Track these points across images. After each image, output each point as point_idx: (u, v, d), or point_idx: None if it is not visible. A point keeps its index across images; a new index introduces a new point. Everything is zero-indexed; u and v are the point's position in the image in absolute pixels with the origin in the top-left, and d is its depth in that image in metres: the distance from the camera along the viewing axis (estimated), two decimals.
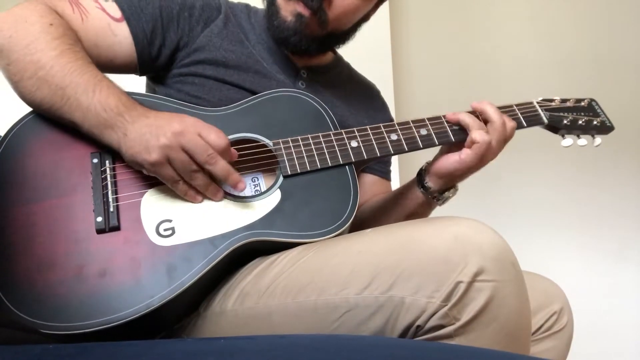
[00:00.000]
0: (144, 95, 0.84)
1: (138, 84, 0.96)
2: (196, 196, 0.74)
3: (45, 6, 0.79)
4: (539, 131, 0.95)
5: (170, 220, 0.73)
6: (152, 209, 0.74)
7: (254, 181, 0.85)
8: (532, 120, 0.91)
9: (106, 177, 0.75)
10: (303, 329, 0.66)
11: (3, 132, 0.76)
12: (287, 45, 0.92)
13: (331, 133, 0.84)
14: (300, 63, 0.98)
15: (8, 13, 0.77)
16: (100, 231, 0.71)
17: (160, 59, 0.88)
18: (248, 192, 0.83)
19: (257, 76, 0.91)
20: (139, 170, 0.74)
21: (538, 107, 0.93)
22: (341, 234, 0.76)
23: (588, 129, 0.94)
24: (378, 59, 1.87)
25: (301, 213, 0.76)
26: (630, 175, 2.10)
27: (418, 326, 0.60)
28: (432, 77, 2.13)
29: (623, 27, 2.15)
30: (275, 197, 0.78)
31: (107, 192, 0.73)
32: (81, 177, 0.74)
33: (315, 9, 0.86)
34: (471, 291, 0.59)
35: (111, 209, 0.72)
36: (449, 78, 2.13)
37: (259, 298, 0.69)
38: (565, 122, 0.93)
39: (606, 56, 2.14)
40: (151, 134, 0.70)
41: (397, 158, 1.62)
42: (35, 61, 0.73)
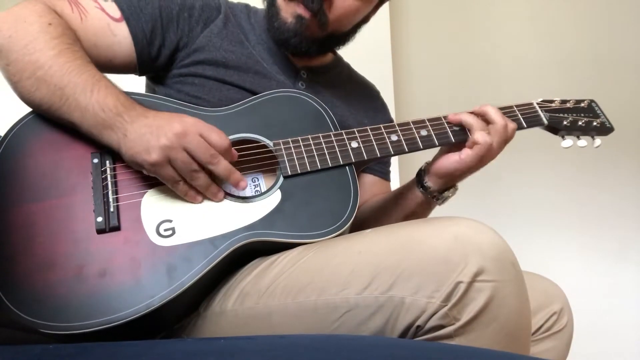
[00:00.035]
0: (143, 95, 0.84)
1: (138, 84, 0.96)
2: (196, 196, 0.74)
3: (44, 6, 0.79)
4: (539, 131, 0.95)
5: (170, 220, 0.73)
6: (153, 209, 0.74)
7: (254, 181, 0.85)
8: (532, 121, 0.91)
9: (106, 177, 0.74)
10: (303, 329, 0.66)
11: (3, 132, 0.76)
12: (287, 46, 0.92)
13: (331, 133, 0.84)
14: (300, 63, 0.98)
15: (7, 13, 0.77)
16: (100, 231, 0.71)
17: (159, 59, 0.88)
18: (248, 193, 0.83)
19: (257, 76, 0.91)
20: (139, 170, 0.74)
21: (538, 108, 0.93)
22: (341, 235, 0.76)
23: (588, 130, 0.94)
24: (378, 59, 1.87)
25: (301, 213, 0.76)
26: (630, 175, 2.10)
27: (418, 326, 0.60)
28: (432, 77, 2.13)
29: (623, 27, 2.15)
30: (275, 198, 0.78)
31: (108, 192, 0.73)
32: (81, 177, 0.74)
33: (315, 11, 0.86)
34: (471, 291, 0.59)
35: (111, 209, 0.72)
36: (449, 78, 2.13)
37: (259, 298, 0.69)
38: (565, 123, 0.93)
39: (606, 56, 2.13)
40: (151, 134, 0.70)
41: (397, 158, 1.62)
42: (33, 61, 0.73)
